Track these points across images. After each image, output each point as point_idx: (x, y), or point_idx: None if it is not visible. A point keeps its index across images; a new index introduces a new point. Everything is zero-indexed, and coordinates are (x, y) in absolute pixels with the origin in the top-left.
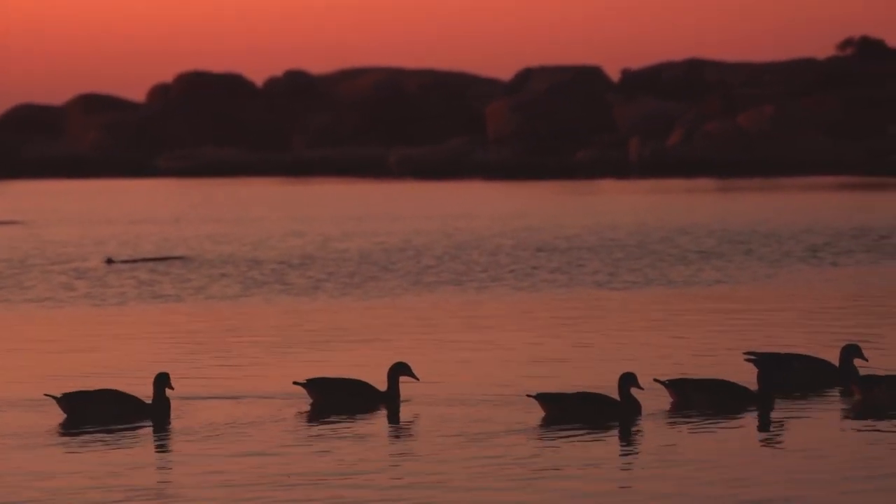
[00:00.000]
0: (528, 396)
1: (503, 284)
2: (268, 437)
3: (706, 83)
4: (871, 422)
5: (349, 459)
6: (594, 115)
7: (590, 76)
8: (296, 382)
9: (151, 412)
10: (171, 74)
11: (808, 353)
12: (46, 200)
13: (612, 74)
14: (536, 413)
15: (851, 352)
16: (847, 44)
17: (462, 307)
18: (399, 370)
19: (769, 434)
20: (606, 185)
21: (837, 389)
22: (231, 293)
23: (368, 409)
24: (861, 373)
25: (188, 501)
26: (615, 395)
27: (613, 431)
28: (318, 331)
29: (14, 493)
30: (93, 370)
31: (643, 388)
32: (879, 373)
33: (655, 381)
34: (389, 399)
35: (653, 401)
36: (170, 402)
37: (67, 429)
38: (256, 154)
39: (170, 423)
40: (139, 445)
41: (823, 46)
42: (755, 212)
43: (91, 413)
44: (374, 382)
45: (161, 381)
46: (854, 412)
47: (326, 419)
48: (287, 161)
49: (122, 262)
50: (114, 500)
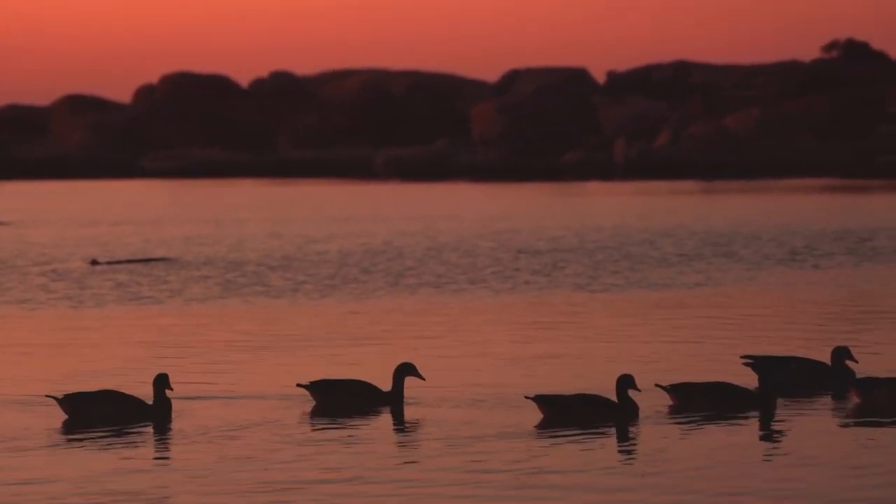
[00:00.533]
0: (526, 398)
1: (483, 287)
2: (268, 439)
3: (691, 85)
4: (870, 425)
5: (349, 462)
6: (580, 117)
7: (576, 78)
8: (299, 385)
9: (152, 413)
10: (157, 75)
11: (804, 356)
12: (32, 201)
13: (599, 76)
14: (535, 415)
15: (842, 353)
16: (833, 46)
17: (441, 308)
18: (405, 370)
19: (767, 437)
20: (592, 188)
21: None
22: (210, 294)
23: (371, 411)
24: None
25: (188, 502)
26: (611, 397)
27: (611, 433)
28: (297, 334)
29: (14, 494)
30: (73, 371)
31: (640, 390)
32: (870, 375)
33: (657, 387)
34: (393, 399)
35: (650, 403)
36: (171, 403)
37: (69, 429)
38: (242, 155)
39: (171, 424)
40: (140, 446)
41: (809, 49)
42: (738, 214)
43: (92, 414)
44: (374, 383)
45: (161, 382)
46: (853, 415)
47: (326, 419)
48: (273, 162)
49: (108, 264)
50: (114, 501)
